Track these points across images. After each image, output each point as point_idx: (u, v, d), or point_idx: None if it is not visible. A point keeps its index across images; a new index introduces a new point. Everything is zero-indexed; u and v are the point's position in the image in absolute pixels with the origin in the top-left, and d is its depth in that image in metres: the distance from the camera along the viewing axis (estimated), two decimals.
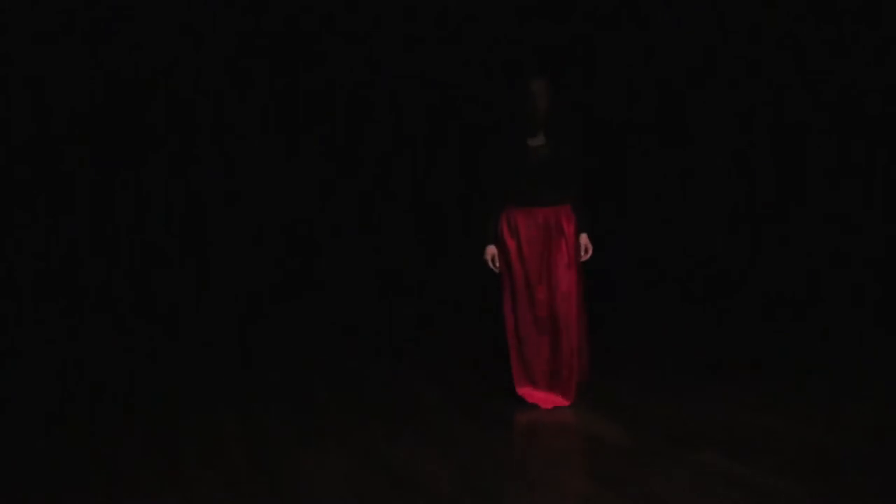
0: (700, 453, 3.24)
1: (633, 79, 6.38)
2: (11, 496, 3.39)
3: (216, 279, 6.21)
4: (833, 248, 5.53)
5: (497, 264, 3.87)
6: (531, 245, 3.78)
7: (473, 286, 5.25)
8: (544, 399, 3.88)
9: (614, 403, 3.98)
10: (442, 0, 6.24)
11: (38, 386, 4.74)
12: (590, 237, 3.88)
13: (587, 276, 4.02)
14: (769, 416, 3.67)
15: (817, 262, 5.62)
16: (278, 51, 6.21)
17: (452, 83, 6.40)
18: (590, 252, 3.87)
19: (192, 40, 5.96)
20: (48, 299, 5.69)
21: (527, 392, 3.93)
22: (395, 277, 6.56)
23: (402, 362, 5.15)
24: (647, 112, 6.39)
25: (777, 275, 5.84)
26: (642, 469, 3.16)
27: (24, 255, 5.64)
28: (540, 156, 3.74)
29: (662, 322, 5.81)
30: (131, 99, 5.88)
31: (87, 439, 4.03)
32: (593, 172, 4.10)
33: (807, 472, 3.03)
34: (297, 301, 6.32)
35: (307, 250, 6.46)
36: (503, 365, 4.09)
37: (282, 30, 6.17)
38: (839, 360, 4.66)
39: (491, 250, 3.87)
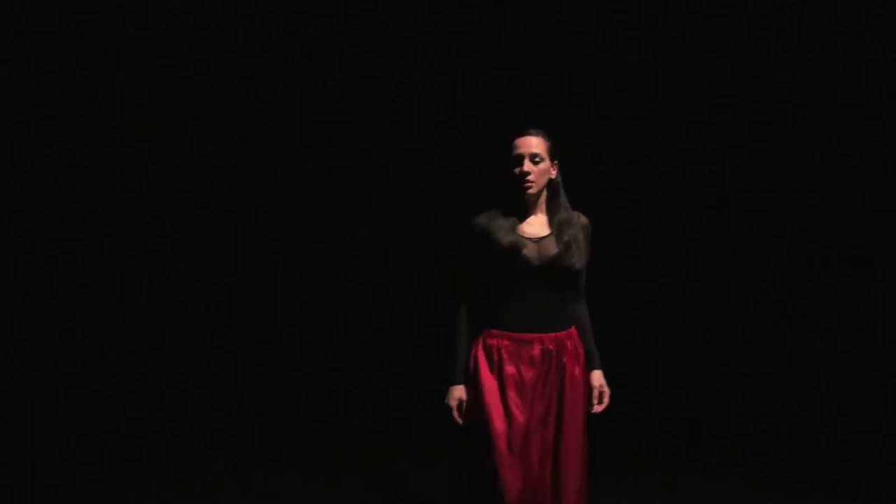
0: None
1: None
2: (11, 496, 3.39)
3: None
4: (835, 251, 5.53)
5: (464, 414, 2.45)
6: (522, 390, 2.42)
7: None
8: None
9: None
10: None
11: (38, 386, 4.74)
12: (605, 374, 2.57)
13: None
14: None
15: (817, 263, 5.62)
16: None
17: None
18: (606, 398, 2.53)
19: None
20: (48, 299, 5.68)
21: None
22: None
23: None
24: None
25: (777, 276, 5.83)
26: None
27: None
28: (538, 250, 2.42)
29: (662, 322, 5.80)
30: None
31: (87, 439, 4.04)
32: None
33: None
34: None
35: None
36: None
37: None
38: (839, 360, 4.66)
39: (457, 392, 2.44)
